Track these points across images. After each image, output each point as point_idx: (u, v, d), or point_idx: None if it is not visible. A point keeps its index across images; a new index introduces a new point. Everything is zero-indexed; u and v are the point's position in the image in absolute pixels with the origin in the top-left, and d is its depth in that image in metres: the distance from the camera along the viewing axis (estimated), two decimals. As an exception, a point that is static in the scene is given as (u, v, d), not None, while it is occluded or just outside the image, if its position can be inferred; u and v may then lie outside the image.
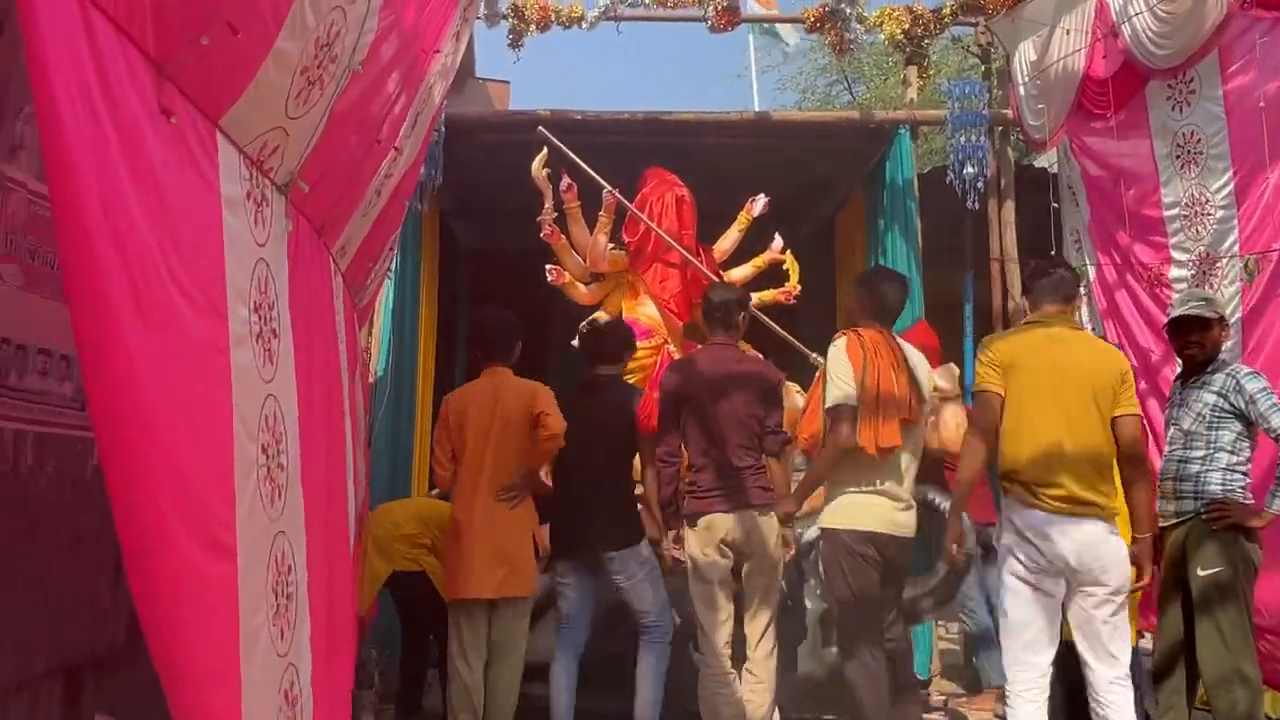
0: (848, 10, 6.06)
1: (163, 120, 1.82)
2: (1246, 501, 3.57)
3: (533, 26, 6.19)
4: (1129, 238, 5.18)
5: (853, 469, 3.67)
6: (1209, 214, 4.69)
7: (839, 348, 3.78)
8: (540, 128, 5.47)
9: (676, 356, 5.68)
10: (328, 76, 2.48)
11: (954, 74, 12.11)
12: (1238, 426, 3.57)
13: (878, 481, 3.66)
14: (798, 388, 5.59)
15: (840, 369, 3.72)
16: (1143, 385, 5.18)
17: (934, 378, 5.01)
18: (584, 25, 6.20)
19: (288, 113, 2.36)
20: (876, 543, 3.64)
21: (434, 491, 5.21)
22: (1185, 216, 4.83)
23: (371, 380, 5.96)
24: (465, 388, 4.41)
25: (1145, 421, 5.01)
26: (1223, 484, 3.56)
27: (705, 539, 3.83)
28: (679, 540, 4.06)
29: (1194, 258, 4.76)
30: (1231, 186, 4.55)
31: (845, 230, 7.37)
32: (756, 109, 8.86)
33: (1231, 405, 3.56)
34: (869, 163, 6.66)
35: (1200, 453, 3.61)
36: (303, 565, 2.78)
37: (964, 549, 3.68)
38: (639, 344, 5.56)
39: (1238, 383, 3.56)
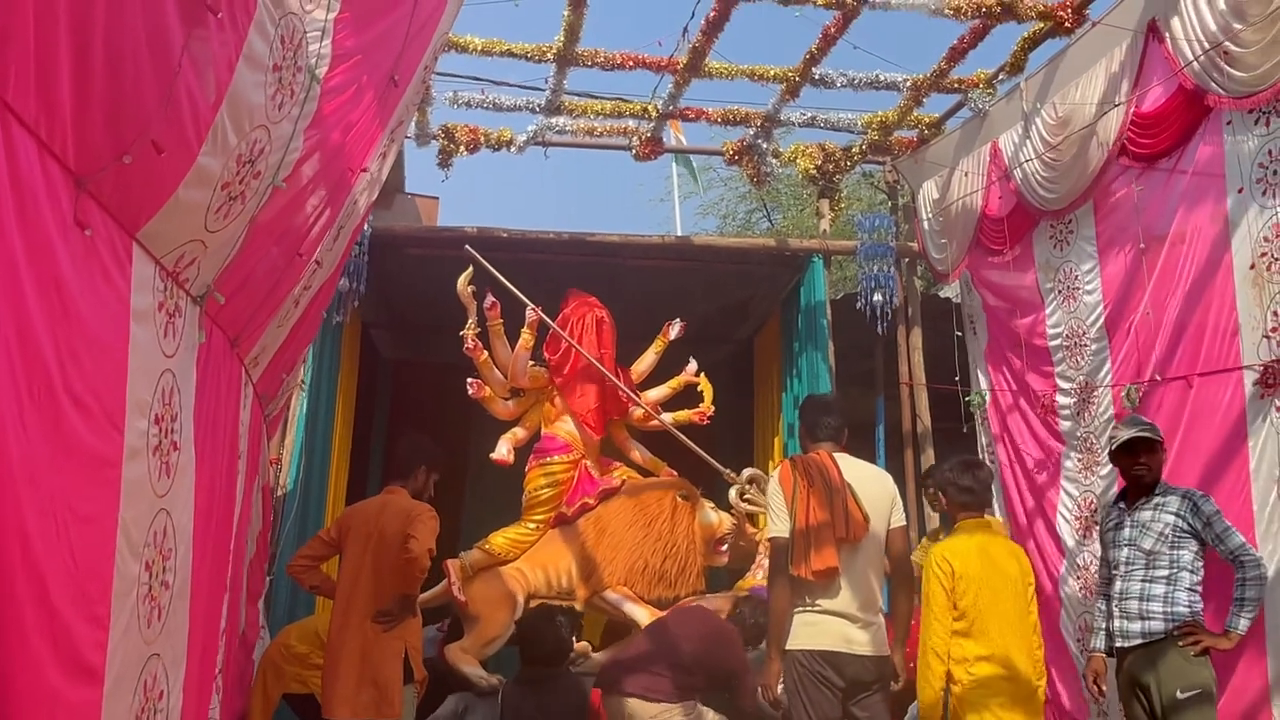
0: (764, 145, 6.39)
1: (77, 232, 1.82)
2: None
3: (462, 148, 6.36)
4: (1021, 365, 5.46)
5: (803, 592, 3.67)
6: (1085, 345, 4.98)
7: (774, 479, 3.86)
8: (467, 246, 5.58)
9: (593, 472, 5.75)
10: (250, 192, 2.52)
11: (865, 207, 12.74)
12: (1194, 546, 3.68)
13: (825, 601, 3.64)
14: (711, 504, 5.69)
15: (774, 501, 3.78)
16: (1030, 504, 5.38)
17: None
18: (512, 149, 6.40)
19: (207, 226, 2.38)
20: (834, 662, 3.59)
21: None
22: (1067, 347, 5.12)
23: (280, 493, 5.81)
24: (358, 504, 4.46)
25: (1034, 541, 5.21)
26: (1189, 605, 3.63)
27: None
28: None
29: (1075, 385, 5.03)
30: (1103, 321, 4.85)
31: (763, 351, 7.57)
32: (679, 233, 9.18)
33: (1189, 526, 3.67)
34: (785, 288, 6.91)
35: (1164, 572, 3.68)
36: (178, 690, 2.65)
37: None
38: (558, 458, 5.67)
39: (1194, 504, 3.68)
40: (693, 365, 6.07)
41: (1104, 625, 3.86)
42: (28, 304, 1.63)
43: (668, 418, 5.89)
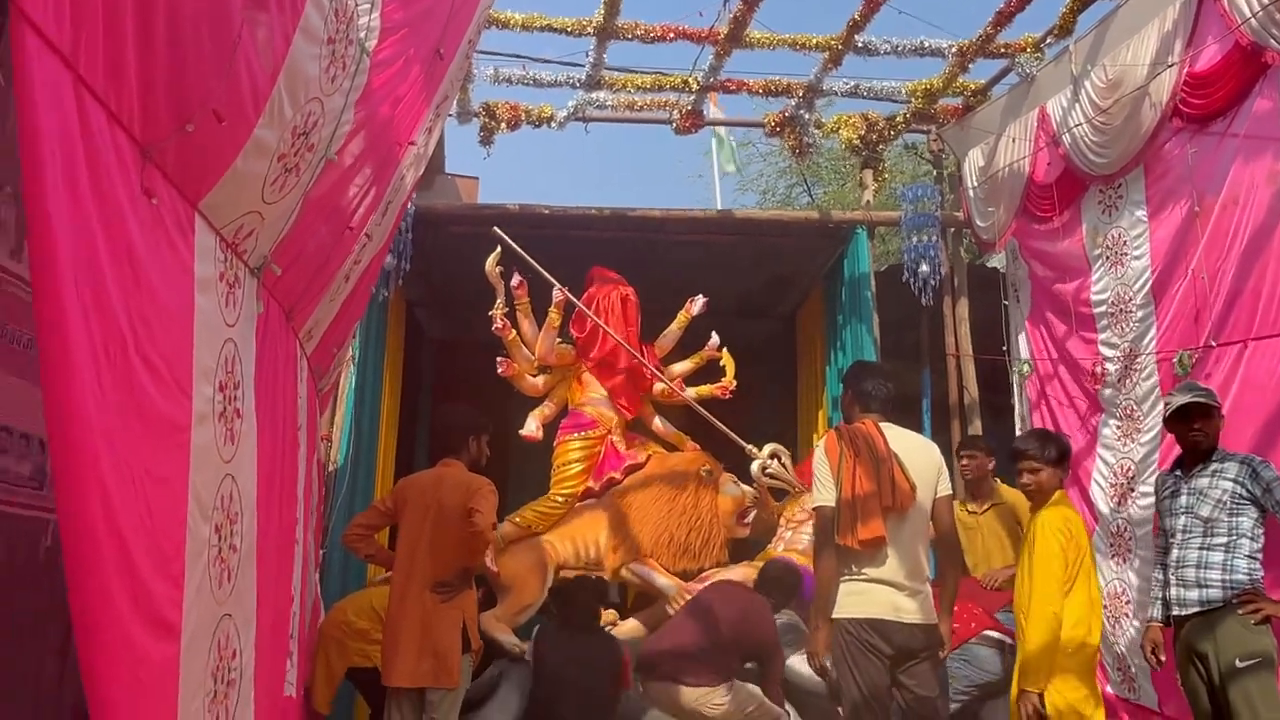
0: (806, 116, 6.33)
1: (144, 201, 1.88)
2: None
3: (503, 125, 6.38)
4: (1064, 332, 5.40)
5: (849, 561, 3.68)
6: (1131, 311, 4.90)
7: (820, 448, 3.86)
8: (495, 228, 5.64)
9: (619, 447, 5.86)
10: (304, 164, 2.57)
11: (909, 178, 12.58)
12: (1254, 513, 3.61)
13: (872, 569, 3.64)
14: (734, 478, 5.77)
15: (819, 471, 3.78)
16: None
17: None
18: (553, 125, 6.41)
19: (264, 197, 2.43)
20: (882, 630, 3.59)
21: (383, 578, 5.19)
22: (1111, 314, 5.04)
23: (332, 469, 5.92)
24: (413, 476, 4.50)
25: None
26: (1248, 572, 3.57)
27: None
28: None
29: (1119, 352, 4.96)
30: (1150, 286, 4.77)
31: (806, 325, 7.54)
32: (719, 208, 9.14)
33: (1248, 492, 3.61)
34: (828, 260, 6.87)
35: (1223, 540, 3.61)
36: (250, 650, 2.73)
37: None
38: (585, 434, 5.82)
39: (1254, 470, 3.62)
40: (715, 340, 6.10)
41: (1160, 594, 3.81)
42: (103, 270, 1.68)
43: (691, 393, 5.96)
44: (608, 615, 5.26)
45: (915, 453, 3.82)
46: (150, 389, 1.92)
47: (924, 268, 6.10)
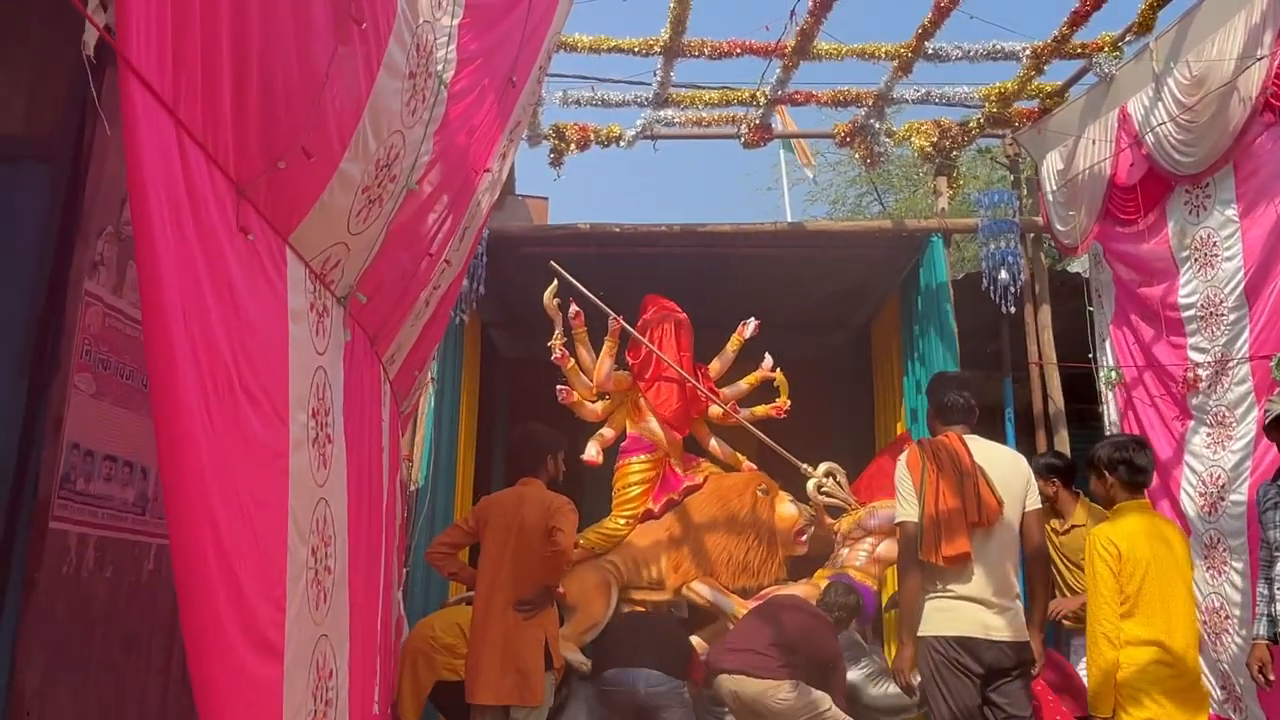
0: (876, 125, 6.27)
1: (241, 237, 1.95)
2: None
3: (572, 146, 6.46)
4: (1152, 338, 5.23)
5: (934, 578, 3.62)
6: (1222, 315, 4.72)
7: (902, 463, 3.80)
8: (552, 262, 5.81)
9: (677, 469, 5.97)
10: (386, 195, 2.64)
11: (983, 184, 12.35)
12: None
13: (959, 586, 3.58)
14: (790, 496, 5.80)
15: (902, 486, 3.74)
16: (1155, 482, 5.13)
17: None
18: (622, 144, 6.47)
19: (349, 228, 2.50)
20: (971, 649, 3.52)
21: (460, 597, 5.28)
22: (1201, 318, 4.87)
23: (413, 488, 6.04)
24: (494, 495, 4.58)
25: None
26: None
27: None
28: None
29: (1210, 357, 4.78)
30: (1243, 288, 4.59)
31: (881, 336, 7.44)
32: (789, 220, 9.10)
33: None
34: (903, 270, 6.77)
35: None
36: (344, 670, 2.79)
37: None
38: (643, 457, 5.92)
39: None
40: (768, 361, 6.10)
41: (1266, 610, 3.65)
42: (208, 306, 1.75)
43: (745, 414, 6.02)
44: (699, 644, 5.29)
45: (1002, 466, 3.73)
46: (252, 418, 1.99)
47: (1003, 274, 5.97)
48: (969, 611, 3.57)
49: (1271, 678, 3.61)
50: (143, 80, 1.51)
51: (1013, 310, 6.04)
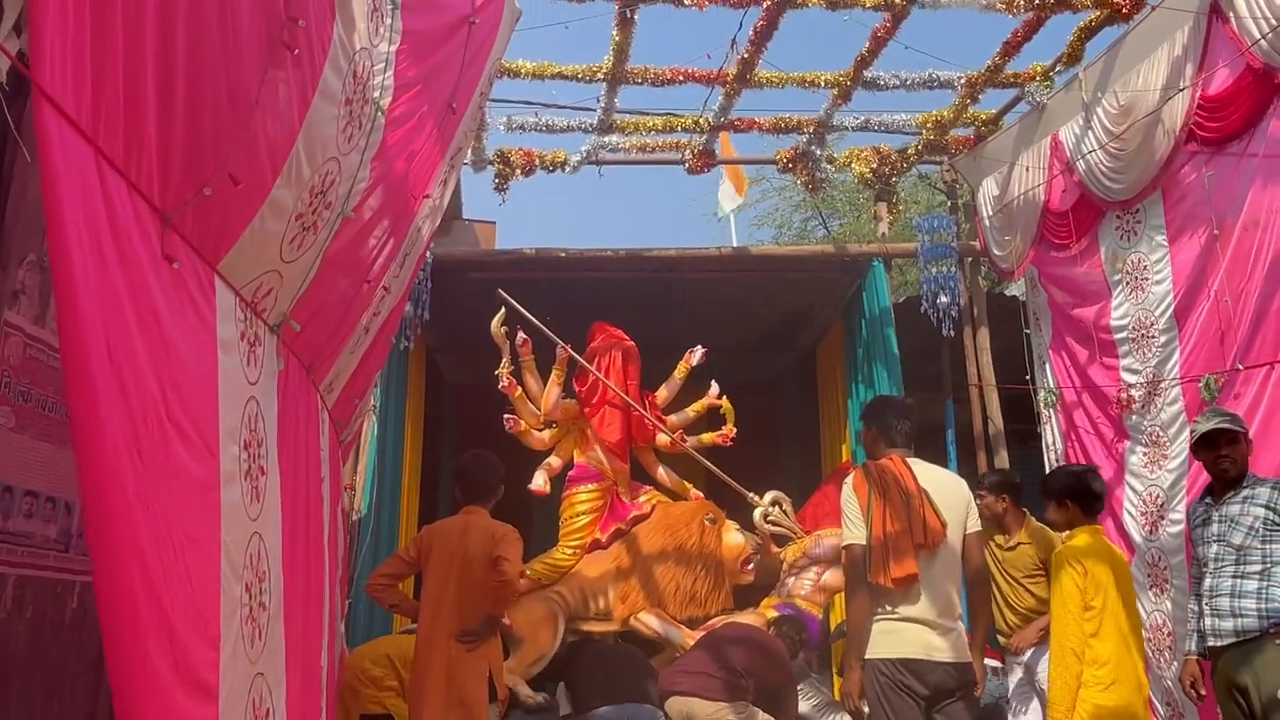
0: (818, 152, 6.37)
1: (166, 266, 1.90)
2: None
3: (517, 171, 6.45)
4: (1086, 359, 5.35)
5: (881, 600, 3.63)
6: (1153, 337, 4.85)
7: (848, 486, 3.81)
8: (499, 290, 5.80)
9: (624, 498, 5.96)
10: (321, 222, 2.59)
11: (924, 209, 12.59)
12: None
13: (905, 608, 3.59)
14: (736, 525, 5.83)
15: (848, 509, 3.75)
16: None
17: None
18: (567, 169, 6.48)
19: (282, 256, 2.45)
20: (916, 671, 3.53)
21: (406, 629, 5.18)
22: (1134, 339, 5.00)
23: (356, 517, 5.93)
24: (437, 524, 4.47)
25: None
26: None
27: None
28: None
29: (1142, 378, 4.91)
30: (1172, 311, 4.73)
31: (826, 359, 7.52)
32: (735, 244, 9.18)
33: None
34: (846, 294, 6.87)
35: (1257, 568, 3.53)
36: (282, 709, 2.71)
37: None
38: (589, 486, 5.90)
39: None
40: (714, 389, 6.14)
41: (1196, 626, 3.72)
42: (132, 337, 1.70)
43: (692, 441, 6.03)
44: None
45: (943, 488, 3.77)
46: (182, 452, 1.93)
47: (943, 298, 6.09)
48: (914, 633, 3.59)
49: (1203, 692, 3.68)
50: (58, 108, 1.47)
51: (952, 333, 6.16)
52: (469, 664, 3.97)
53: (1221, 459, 3.67)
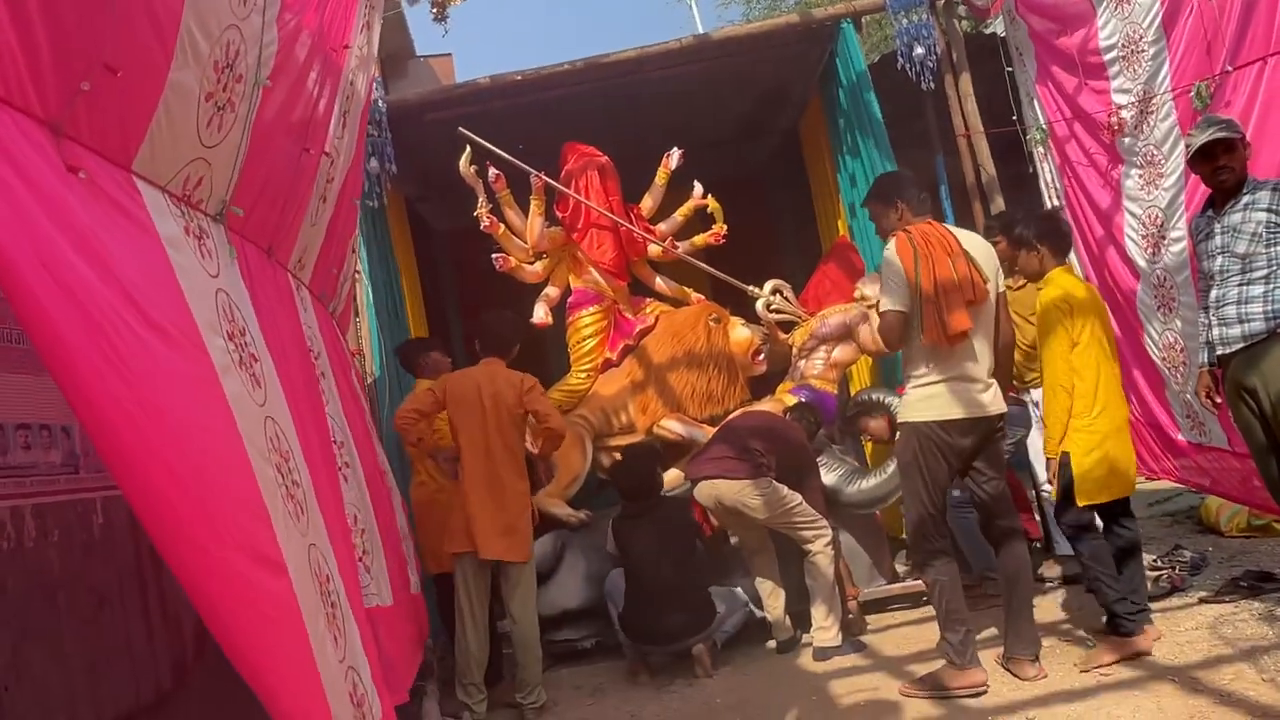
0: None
1: (74, 178, 1.80)
2: None
3: (453, -4, 6.07)
4: (1075, 87, 5.13)
5: (930, 360, 3.69)
6: (1142, 50, 4.61)
7: (890, 250, 3.76)
8: (460, 129, 5.58)
9: (626, 314, 5.95)
10: (237, 98, 2.45)
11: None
12: None
13: (955, 368, 3.67)
14: (741, 320, 5.85)
15: (891, 274, 3.72)
16: (1099, 232, 5.18)
17: (861, 286, 5.25)
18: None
19: (203, 142, 2.33)
20: (962, 428, 3.68)
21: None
22: (1123, 57, 4.76)
23: (370, 380, 5.99)
24: (460, 372, 4.70)
25: (1108, 268, 5.10)
26: None
27: None
28: None
29: (1133, 97, 4.71)
30: (1160, 19, 4.46)
31: (810, 135, 7.27)
32: (701, 31, 8.71)
33: None
34: (818, 64, 6.55)
35: (1262, 272, 3.49)
36: (337, 574, 2.83)
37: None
38: (590, 309, 5.92)
39: None
40: (699, 189, 6.00)
41: (1206, 337, 3.74)
42: (66, 253, 1.64)
43: (685, 246, 5.95)
44: (670, 477, 5.42)
45: (978, 249, 3.80)
46: (168, 352, 1.91)
47: (919, 50, 5.78)
48: (960, 391, 3.68)
49: (1219, 400, 3.74)
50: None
51: (933, 85, 5.89)
52: (516, 495, 4.41)
53: (1220, 170, 3.56)
